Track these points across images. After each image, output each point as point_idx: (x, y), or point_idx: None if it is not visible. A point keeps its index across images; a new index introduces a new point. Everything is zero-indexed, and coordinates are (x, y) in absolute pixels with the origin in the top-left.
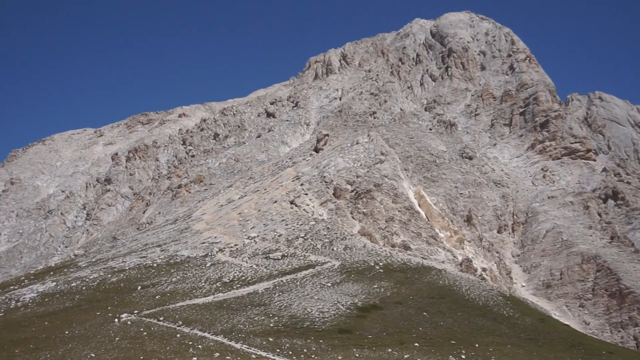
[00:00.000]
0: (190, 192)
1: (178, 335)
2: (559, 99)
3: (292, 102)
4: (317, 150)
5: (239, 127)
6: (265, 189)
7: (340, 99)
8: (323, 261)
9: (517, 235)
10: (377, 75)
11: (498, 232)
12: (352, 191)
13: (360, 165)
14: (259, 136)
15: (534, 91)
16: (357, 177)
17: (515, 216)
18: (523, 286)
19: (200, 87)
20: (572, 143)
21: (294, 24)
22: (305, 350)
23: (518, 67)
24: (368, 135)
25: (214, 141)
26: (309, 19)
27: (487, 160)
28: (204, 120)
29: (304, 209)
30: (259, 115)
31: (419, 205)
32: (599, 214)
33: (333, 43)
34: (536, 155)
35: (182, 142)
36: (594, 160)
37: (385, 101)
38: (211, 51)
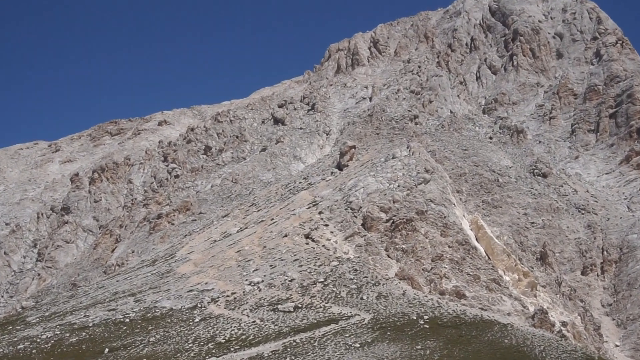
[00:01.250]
0: (173, 224)
1: None
2: None
3: (307, 104)
4: (340, 167)
5: (237, 137)
6: (273, 219)
7: (370, 99)
8: (349, 314)
9: (609, 277)
10: (419, 67)
11: (583, 273)
12: (388, 221)
13: (398, 186)
14: (263, 149)
15: (629, 85)
16: (393, 202)
17: (605, 252)
18: (617, 346)
19: (186, 85)
20: None
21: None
22: None
23: (607, 54)
24: (408, 147)
25: (205, 156)
26: None
27: (566, 178)
28: (192, 129)
29: (323, 245)
30: (263, 122)
31: (477, 239)
32: None
33: (361, 25)
34: (632, 170)
35: (162, 159)
36: None
37: (431, 101)
38: (199, 38)
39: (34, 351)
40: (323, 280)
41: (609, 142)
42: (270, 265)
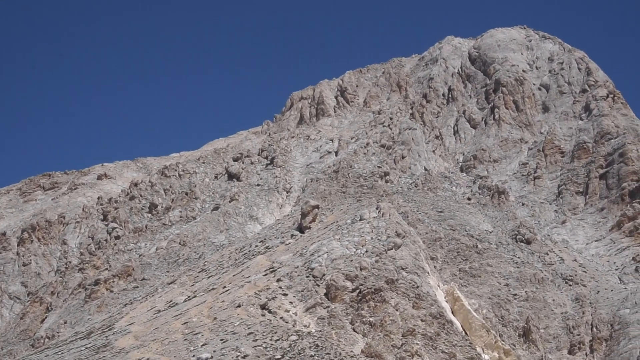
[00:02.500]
0: (112, 292)
1: None
2: None
3: (266, 157)
4: (301, 229)
5: (186, 194)
6: (225, 287)
7: (336, 153)
8: None
9: (599, 357)
10: (391, 118)
11: (570, 352)
12: (354, 290)
13: (366, 252)
14: (216, 208)
15: (621, 143)
16: (360, 269)
17: (595, 329)
18: None
19: (130, 135)
20: None
21: (268, 42)
22: None
23: (597, 109)
24: (377, 208)
25: (150, 215)
26: (292, 37)
27: (552, 245)
28: (135, 185)
29: (281, 317)
30: (216, 178)
31: (453, 312)
32: None
33: (327, 72)
34: (624, 238)
35: (102, 217)
36: None
37: (403, 157)
38: (145, 83)
39: None
40: (280, 356)
41: (599, 205)
42: (221, 340)
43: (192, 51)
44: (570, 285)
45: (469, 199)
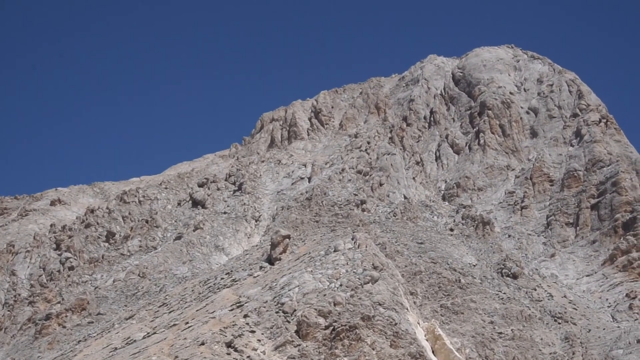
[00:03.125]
0: (65, 327)
1: None
2: None
3: (234, 183)
4: (271, 261)
5: (147, 222)
6: (187, 323)
7: (309, 179)
8: None
9: None
10: (369, 142)
11: None
12: (327, 327)
13: (341, 286)
14: (179, 237)
15: (614, 171)
16: (334, 305)
17: None
18: None
19: (87, 158)
20: None
21: (238, 59)
22: None
23: (589, 134)
24: (353, 239)
25: (107, 245)
26: (264, 54)
27: (540, 280)
28: (92, 211)
29: (248, 356)
30: (179, 204)
31: (433, 352)
32: None
33: (300, 92)
34: (618, 272)
35: (54, 246)
36: None
37: (381, 184)
38: (104, 101)
39: None
40: None
41: (590, 238)
42: None
43: (156, 69)
44: (559, 323)
45: (451, 229)
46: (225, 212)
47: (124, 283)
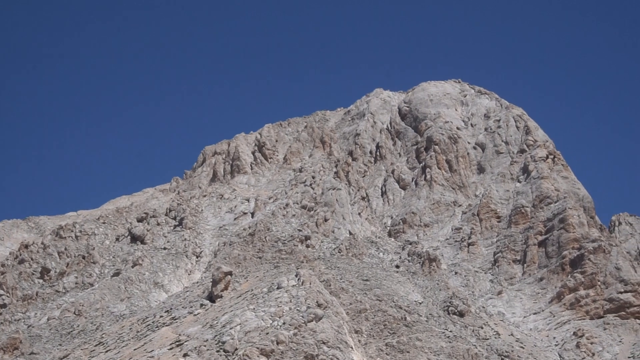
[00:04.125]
0: None
1: None
2: (599, 222)
3: (174, 218)
4: (212, 298)
5: (83, 258)
6: None
7: (252, 214)
8: None
9: None
10: (313, 177)
11: None
12: None
13: (284, 324)
14: (116, 274)
15: (561, 208)
16: (277, 343)
17: None
18: None
19: (21, 191)
20: (622, 292)
21: (179, 90)
22: None
23: (536, 170)
24: (297, 275)
25: (42, 281)
26: (206, 85)
27: (487, 318)
28: (26, 246)
29: None
30: (118, 240)
31: None
32: None
33: (244, 124)
34: (565, 311)
35: None
36: None
37: (326, 220)
38: (39, 133)
39: None
40: None
41: (537, 275)
42: None
43: (94, 101)
44: None
45: (397, 266)
46: (165, 248)
47: (59, 321)
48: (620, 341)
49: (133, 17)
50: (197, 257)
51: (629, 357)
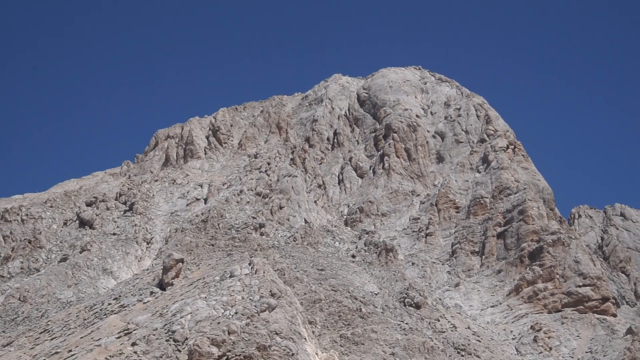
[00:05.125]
0: None
1: None
2: (559, 214)
3: (124, 203)
4: (163, 286)
5: (30, 242)
6: (71, 351)
7: (205, 200)
8: None
9: None
10: (269, 164)
11: None
12: (221, 357)
13: (236, 313)
14: (64, 259)
15: (521, 199)
16: (229, 333)
17: None
18: None
19: None
20: (580, 286)
21: (132, 72)
22: None
23: (496, 161)
24: (250, 264)
25: None
26: (160, 68)
27: (444, 310)
28: None
29: None
30: (66, 224)
31: None
32: None
33: (198, 108)
34: (523, 304)
35: None
36: (614, 315)
37: (281, 207)
38: None
39: None
40: None
41: (495, 267)
42: None
43: (45, 81)
44: (462, 355)
45: (353, 256)
46: (114, 234)
47: (3, 307)
48: (578, 336)
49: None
50: (147, 244)
51: (586, 352)
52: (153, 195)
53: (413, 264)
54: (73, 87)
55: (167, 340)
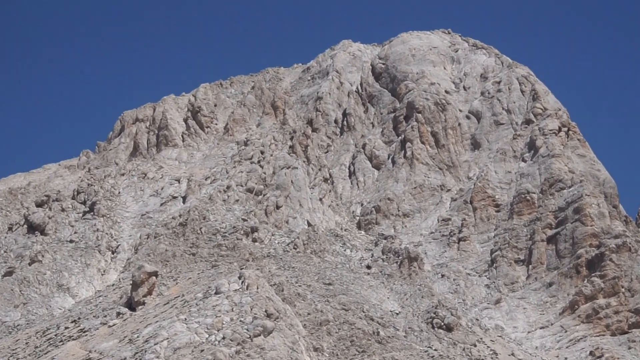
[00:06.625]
0: None
1: None
2: (624, 213)
3: (84, 202)
4: (132, 305)
5: None
6: None
7: (184, 199)
8: None
9: None
10: (262, 152)
11: None
12: None
13: (223, 339)
14: (9, 273)
15: (577, 195)
16: None
17: None
18: None
19: None
20: None
21: (92, 41)
22: None
23: (545, 146)
24: (240, 277)
25: None
26: (125, 35)
27: (482, 333)
28: None
29: None
30: (11, 229)
31: None
32: None
33: (174, 84)
34: (580, 325)
35: None
36: None
37: (278, 207)
38: None
39: None
40: None
41: (546, 279)
42: None
43: None
44: None
45: (368, 267)
46: (71, 241)
47: None
48: None
49: None
50: (112, 253)
51: None
52: (119, 192)
53: (443, 275)
54: (17, 60)
55: None
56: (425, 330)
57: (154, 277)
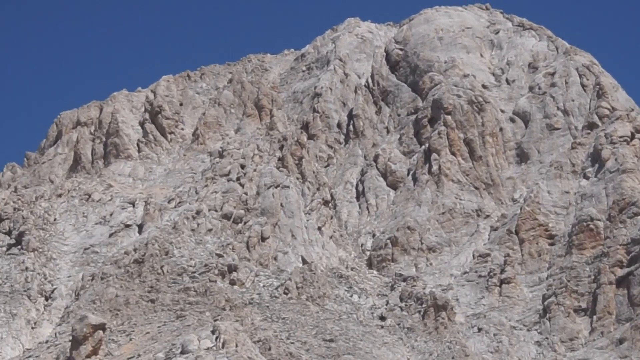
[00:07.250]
0: None
1: None
2: None
3: (8, 233)
4: None
5: None
6: None
7: (140, 228)
8: None
9: None
10: (242, 167)
11: None
12: None
13: None
14: None
15: None
16: None
17: None
18: None
19: None
20: None
21: (18, 29)
22: None
23: (614, 159)
24: (214, 332)
25: None
26: (63, 16)
27: None
28: None
29: None
30: None
31: None
32: None
33: (127, 78)
34: None
35: None
36: None
37: (264, 239)
38: None
39: None
40: None
41: (615, 335)
42: None
43: None
44: None
45: (382, 317)
46: None
47: None
48: None
49: None
50: (46, 300)
51: None
52: (55, 219)
53: (480, 329)
54: None
55: None
56: None
57: (101, 332)
